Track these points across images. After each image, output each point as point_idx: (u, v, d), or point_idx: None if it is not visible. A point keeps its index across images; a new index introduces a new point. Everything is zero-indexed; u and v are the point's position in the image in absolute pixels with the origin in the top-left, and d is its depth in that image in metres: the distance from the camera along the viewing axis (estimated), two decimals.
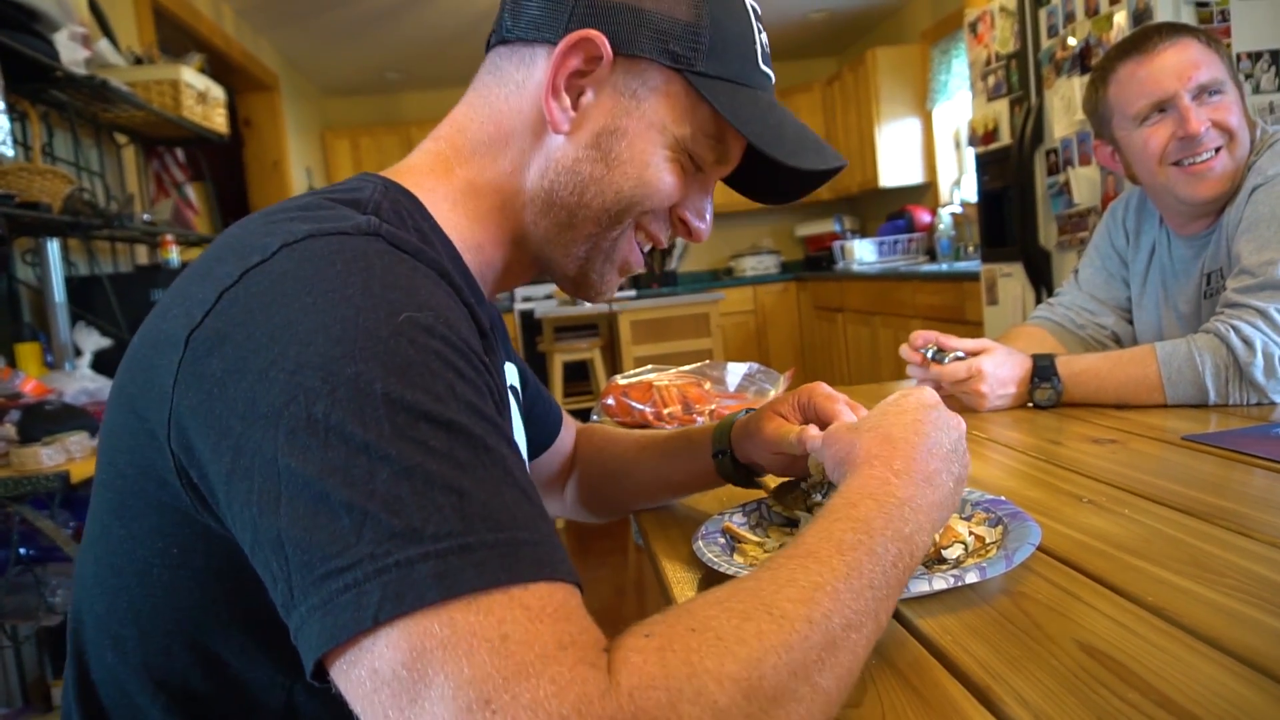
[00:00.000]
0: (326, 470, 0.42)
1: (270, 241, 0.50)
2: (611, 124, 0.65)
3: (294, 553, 0.42)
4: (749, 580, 0.46)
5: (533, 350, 5.59)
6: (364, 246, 0.51)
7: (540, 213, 0.67)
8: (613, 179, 0.66)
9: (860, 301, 4.90)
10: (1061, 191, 2.79)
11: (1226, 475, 0.87)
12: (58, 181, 2.11)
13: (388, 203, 0.58)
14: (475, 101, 0.68)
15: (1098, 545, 0.70)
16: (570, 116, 0.65)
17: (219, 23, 4.05)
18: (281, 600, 0.43)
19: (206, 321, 0.49)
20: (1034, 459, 0.99)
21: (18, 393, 1.81)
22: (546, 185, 0.66)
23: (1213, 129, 1.23)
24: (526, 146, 0.66)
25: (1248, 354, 1.11)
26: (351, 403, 0.43)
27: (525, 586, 0.41)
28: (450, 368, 0.47)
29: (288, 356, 0.45)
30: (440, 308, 0.49)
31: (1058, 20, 2.73)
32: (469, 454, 0.44)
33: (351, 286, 0.47)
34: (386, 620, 0.39)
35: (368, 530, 0.41)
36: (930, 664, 0.54)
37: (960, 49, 4.67)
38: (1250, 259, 1.17)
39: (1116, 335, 1.47)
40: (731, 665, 0.40)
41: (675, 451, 0.89)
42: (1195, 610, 0.57)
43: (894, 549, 0.51)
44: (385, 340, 0.45)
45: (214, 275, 0.50)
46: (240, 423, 0.45)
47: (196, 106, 2.72)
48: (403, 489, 0.42)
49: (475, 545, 0.41)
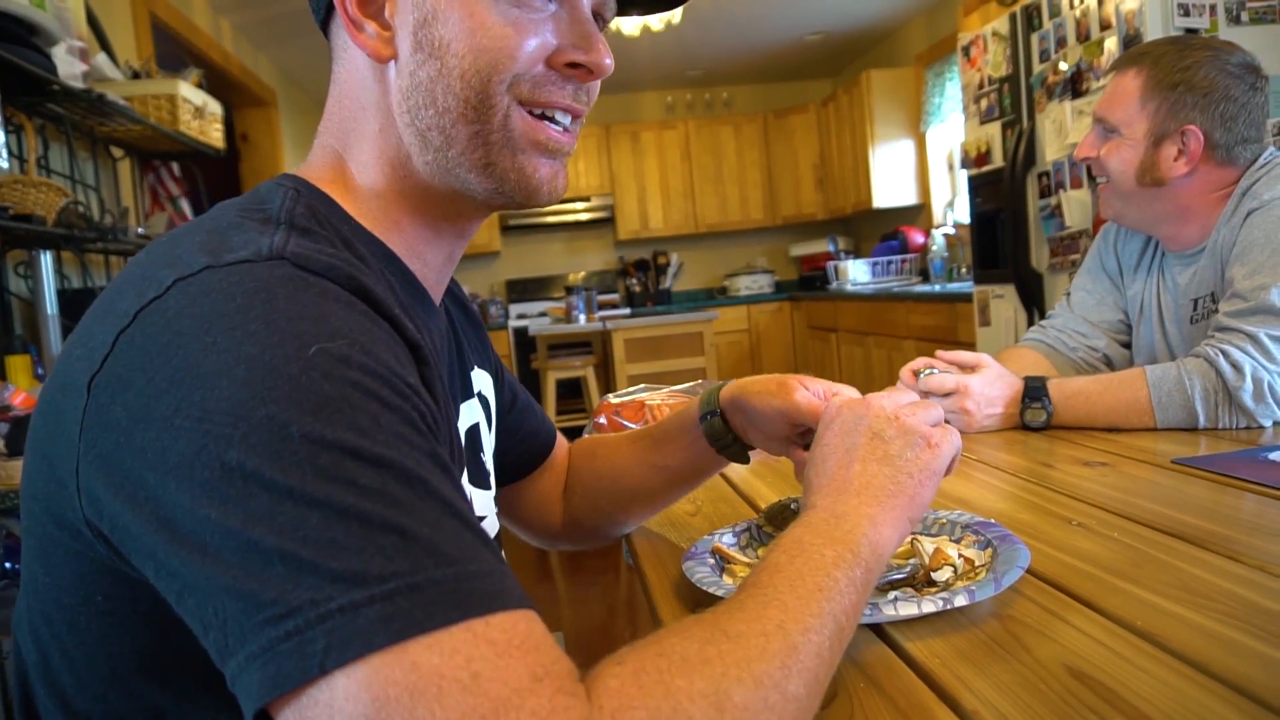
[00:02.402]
0: (251, 520, 0.39)
1: (165, 275, 0.47)
2: (420, 14, 0.58)
3: (228, 601, 0.39)
4: (705, 614, 0.47)
5: (526, 368, 5.59)
6: (265, 275, 0.46)
7: (420, 148, 0.61)
8: (450, 66, 0.58)
9: (854, 322, 4.91)
10: (1053, 214, 2.81)
11: (1216, 499, 0.87)
12: (52, 194, 2.11)
13: (301, 209, 0.54)
14: (332, 89, 0.65)
15: (1087, 568, 0.70)
16: (383, 36, 0.59)
17: (217, 38, 4.06)
18: (216, 648, 0.41)
19: (106, 365, 0.46)
20: (1024, 481, 0.99)
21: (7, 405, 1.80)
22: (407, 119, 0.60)
23: (1094, 161, 1.36)
24: (378, 97, 0.61)
25: (1237, 378, 1.11)
26: (266, 448, 0.40)
27: (485, 620, 0.39)
28: (373, 398, 0.44)
29: (192, 402, 0.42)
30: (355, 333, 0.46)
31: (1050, 45, 2.76)
32: (403, 489, 0.42)
33: (254, 321, 0.44)
34: (335, 668, 0.37)
35: (305, 576, 0.38)
36: (918, 687, 0.54)
37: (954, 72, 4.71)
38: (1243, 283, 1.18)
39: (1108, 358, 1.47)
40: (700, 682, 0.41)
41: (666, 434, 0.86)
42: (1184, 635, 0.57)
43: (830, 553, 0.52)
44: (296, 378, 0.42)
45: (114, 312, 0.48)
46: (152, 474, 0.42)
47: (193, 121, 2.73)
48: (337, 532, 0.39)
49: (424, 584, 0.39)
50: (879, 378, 4.52)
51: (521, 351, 5.74)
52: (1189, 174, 1.28)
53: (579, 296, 4.91)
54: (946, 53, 4.75)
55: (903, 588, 0.67)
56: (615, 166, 6.21)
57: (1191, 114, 1.26)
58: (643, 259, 6.44)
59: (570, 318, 4.89)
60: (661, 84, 6.33)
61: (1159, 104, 1.27)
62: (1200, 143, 1.26)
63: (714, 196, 6.31)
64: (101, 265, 2.77)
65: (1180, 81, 1.26)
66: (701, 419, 0.82)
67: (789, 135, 6.24)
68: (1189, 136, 1.26)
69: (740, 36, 5.31)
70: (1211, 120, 1.25)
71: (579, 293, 4.95)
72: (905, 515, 0.59)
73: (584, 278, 6.39)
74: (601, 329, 4.59)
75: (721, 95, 6.53)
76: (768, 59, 5.90)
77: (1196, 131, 1.25)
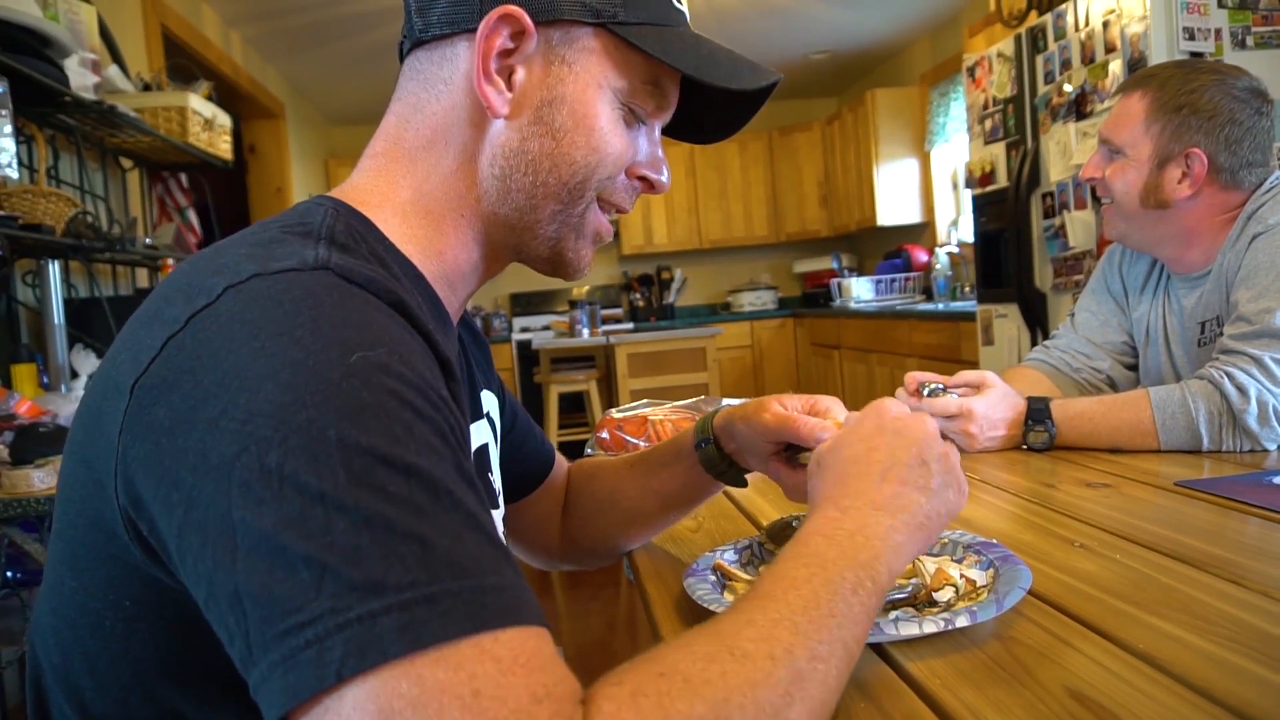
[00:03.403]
0: (282, 523, 0.41)
1: (216, 283, 0.49)
2: (549, 94, 0.63)
3: (252, 608, 0.41)
4: (710, 624, 0.47)
5: (529, 381, 5.60)
6: (311, 283, 0.49)
7: (499, 201, 0.65)
8: (563, 150, 0.64)
9: (857, 339, 4.91)
10: (1057, 234, 2.81)
11: (1219, 522, 0.87)
12: (61, 204, 2.12)
13: (341, 227, 0.57)
14: (404, 110, 0.67)
15: (1089, 590, 0.70)
16: (507, 98, 0.63)
17: (227, 50, 4.10)
18: (240, 656, 0.42)
19: (152, 369, 0.47)
20: (1027, 502, 0.99)
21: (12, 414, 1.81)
22: (499, 172, 0.64)
23: (1099, 182, 1.36)
24: (468, 140, 0.65)
25: (1241, 401, 1.11)
26: (305, 451, 0.42)
27: (495, 635, 0.40)
28: (408, 407, 0.45)
29: (238, 405, 0.43)
30: (395, 343, 0.48)
31: (1054, 67, 2.78)
32: (429, 499, 0.43)
33: (300, 328, 0.46)
34: (350, 677, 0.38)
35: (328, 584, 0.40)
36: (920, 708, 0.54)
37: (959, 92, 4.73)
38: (1247, 307, 1.18)
39: (1112, 380, 1.47)
40: (700, 707, 0.41)
41: (662, 460, 0.87)
42: (1185, 658, 0.57)
43: (851, 577, 0.51)
44: (337, 383, 0.44)
45: (162, 318, 0.49)
46: (191, 475, 0.44)
47: (203, 133, 2.75)
48: (362, 539, 0.40)
49: (439, 595, 0.40)
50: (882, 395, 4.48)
51: (524, 365, 5.74)
52: (1193, 197, 1.28)
53: (583, 311, 4.92)
54: (951, 73, 4.77)
55: (904, 607, 0.67)
56: None
57: (1196, 137, 1.26)
58: (647, 274, 6.45)
59: (574, 332, 4.90)
60: None
61: (1163, 126, 1.27)
62: (1204, 166, 1.26)
63: (718, 212, 6.33)
64: (109, 275, 2.78)
65: (1185, 104, 1.26)
66: (696, 446, 0.84)
67: (794, 152, 6.26)
68: (1193, 159, 1.26)
69: (746, 54, 5.29)
70: (1216, 144, 1.26)
71: (583, 307, 4.96)
72: (921, 549, 0.60)
73: (588, 292, 6.40)
74: (605, 343, 4.59)
75: None
76: None
77: (1201, 154, 1.26)
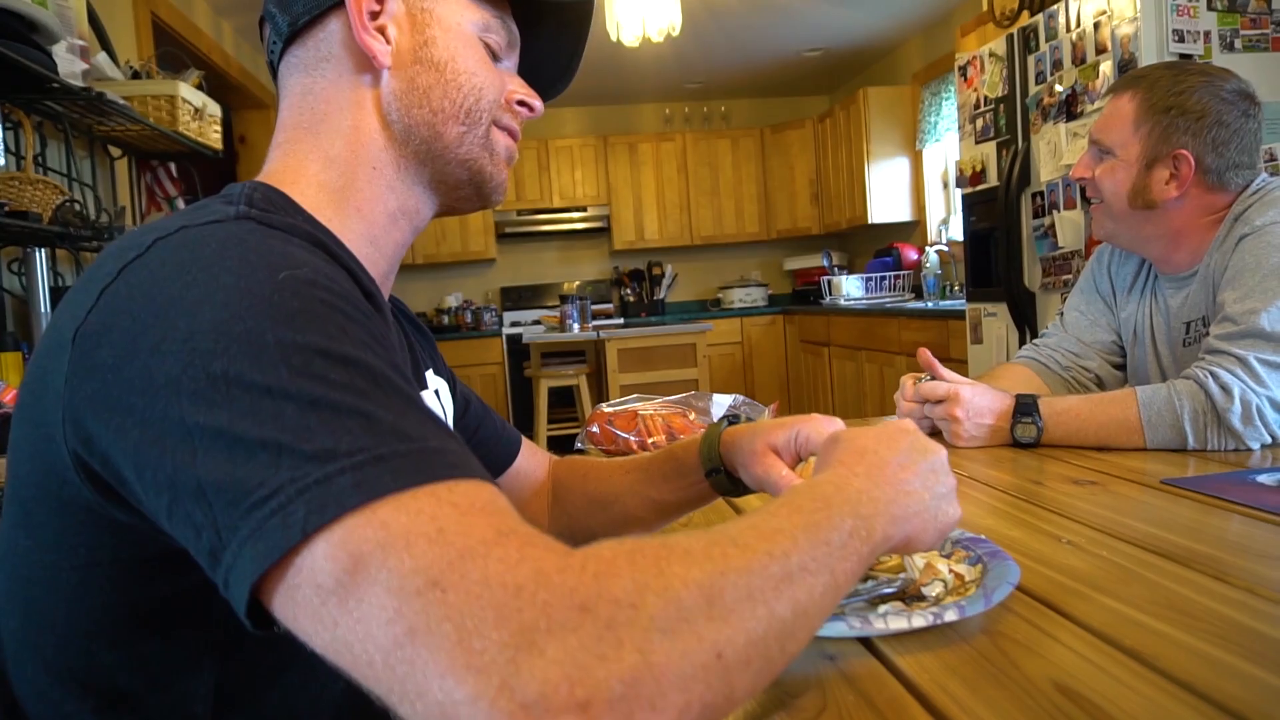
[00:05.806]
0: (235, 417, 0.44)
1: (144, 238, 0.53)
2: (422, 37, 0.69)
3: (216, 496, 0.43)
4: (716, 527, 0.47)
5: (519, 375, 5.59)
6: (235, 229, 0.53)
7: (404, 140, 0.70)
8: (449, 77, 0.70)
9: (846, 336, 4.93)
10: (1046, 234, 2.83)
11: (1204, 520, 0.87)
12: (49, 192, 2.10)
13: (258, 196, 0.61)
14: (294, 100, 0.70)
15: (1076, 586, 0.70)
16: (389, 49, 0.68)
17: (218, 40, 4.07)
18: (209, 547, 0.43)
19: (90, 317, 0.50)
20: (1015, 498, 1.00)
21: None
22: (397, 116, 0.69)
23: (1089, 182, 1.37)
24: (363, 98, 0.69)
25: (1226, 401, 1.12)
26: (246, 355, 0.45)
27: (449, 485, 0.42)
28: (338, 311, 0.49)
29: (177, 328, 0.46)
30: (318, 268, 0.52)
31: (1045, 67, 2.79)
32: (368, 383, 0.46)
33: (228, 259, 0.49)
34: (314, 532, 0.40)
35: (284, 459, 0.42)
36: (908, 702, 0.54)
37: (950, 91, 4.74)
38: (1233, 307, 1.19)
39: (1100, 378, 1.48)
40: (697, 572, 0.41)
41: (663, 473, 0.87)
42: (1171, 654, 0.57)
43: (849, 522, 0.51)
44: (268, 297, 0.47)
45: (95, 278, 0.52)
46: (140, 398, 0.46)
47: (192, 122, 2.73)
48: (310, 420, 0.43)
49: (388, 455, 0.43)
50: (870, 393, 4.53)
51: (514, 359, 5.74)
52: (1180, 198, 1.29)
53: (573, 305, 4.91)
54: (943, 72, 4.78)
55: (892, 601, 0.67)
56: (612, 177, 6.23)
57: (1183, 138, 1.27)
58: (637, 269, 6.45)
59: (564, 326, 4.89)
60: (659, 96, 6.36)
61: (1152, 127, 1.28)
62: (1191, 167, 1.27)
63: (709, 209, 6.33)
64: None
65: (1173, 105, 1.27)
66: (707, 475, 0.82)
67: (785, 150, 6.27)
68: (1180, 160, 1.27)
69: (739, 51, 5.34)
70: (1203, 145, 1.27)
71: (573, 301, 4.95)
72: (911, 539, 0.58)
73: (578, 287, 6.40)
74: (595, 338, 4.59)
75: (719, 109, 6.56)
76: (766, 74, 5.93)
77: (1188, 156, 1.27)
